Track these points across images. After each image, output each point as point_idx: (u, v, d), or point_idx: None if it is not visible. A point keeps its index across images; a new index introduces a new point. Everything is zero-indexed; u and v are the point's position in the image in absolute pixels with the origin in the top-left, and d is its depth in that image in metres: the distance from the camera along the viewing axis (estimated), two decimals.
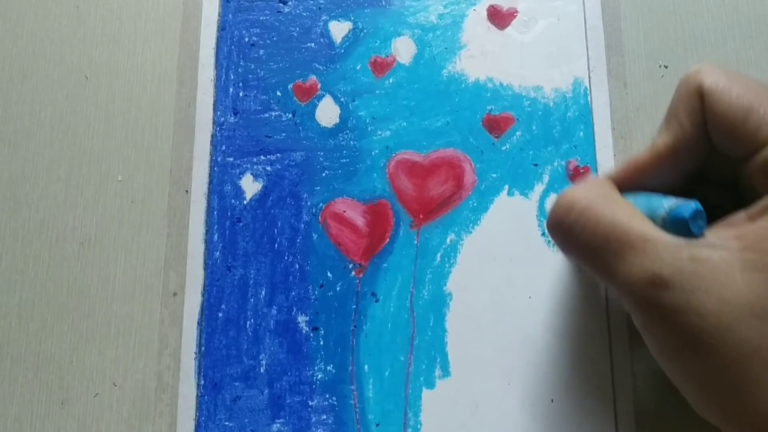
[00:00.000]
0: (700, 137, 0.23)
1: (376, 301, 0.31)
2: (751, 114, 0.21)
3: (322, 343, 0.31)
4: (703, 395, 0.20)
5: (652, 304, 0.19)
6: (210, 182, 0.32)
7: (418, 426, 0.29)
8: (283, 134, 0.33)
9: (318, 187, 0.32)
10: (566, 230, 0.22)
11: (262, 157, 0.33)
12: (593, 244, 0.21)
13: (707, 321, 0.18)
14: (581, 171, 0.32)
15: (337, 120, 0.33)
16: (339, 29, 0.34)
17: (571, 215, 0.22)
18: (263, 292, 0.31)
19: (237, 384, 0.30)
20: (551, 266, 0.31)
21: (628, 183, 0.24)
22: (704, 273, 0.19)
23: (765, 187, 0.20)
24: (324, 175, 0.32)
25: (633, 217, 0.21)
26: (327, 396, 0.30)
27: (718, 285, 0.18)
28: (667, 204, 0.21)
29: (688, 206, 0.21)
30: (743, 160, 0.21)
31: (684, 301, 0.19)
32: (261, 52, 0.34)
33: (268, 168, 0.33)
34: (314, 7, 0.35)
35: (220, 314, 0.31)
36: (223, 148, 0.33)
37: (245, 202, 0.32)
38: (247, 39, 0.34)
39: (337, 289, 0.31)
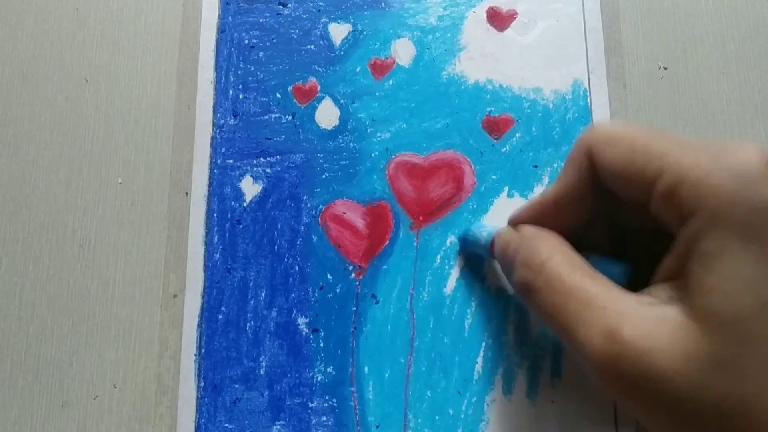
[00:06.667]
0: (584, 191, 0.24)
1: (376, 303, 0.31)
2: (635, 155, 0.21)
3: (322, 344, 0.31)
4: None
5: (612, 368, 0.19)
6: (210, 184, 0.32)
7: (418, 428, 0.29)
8: (283, 136, 0.33)
9: (318, 189, 0.32)
10: (535, 292, 0.23)
11: (261, 159, 0.33)
12: (557, 306, 0.21)
13: (674, 383, 0.18)
14: None
15: (337, 122, 0.33)
16: (338, 31, 0.34)
17: (540, 279, 0.23)
18: (263, 294, 0.31)
19: (237, 386, 0.30)
20: None
21: (533, 222, 0.26)
22: (660, 329, 0.18)
23: (670, 218, 0.20)
24: (324, 177, 0.32)
25: (590, 278, 0.21)
26: (327, 398, 0.30)
27: (677, 341, 0.18)
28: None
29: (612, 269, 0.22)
30: (648, 203, 0.21)
31: (646, 363, 0.18)
32: (261, 54, 0.34)
33: (268, 170, 0.33)
34: (314, 9, 0.35)
35: (220, 316, 0.31)
36: (223, 150, 0.33)
37: (245, 204, 0.32)
38: (246, 41, 0.34)
39: (337, 291, 0.31)
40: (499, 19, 0.35)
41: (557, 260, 0.23)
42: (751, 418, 0.17)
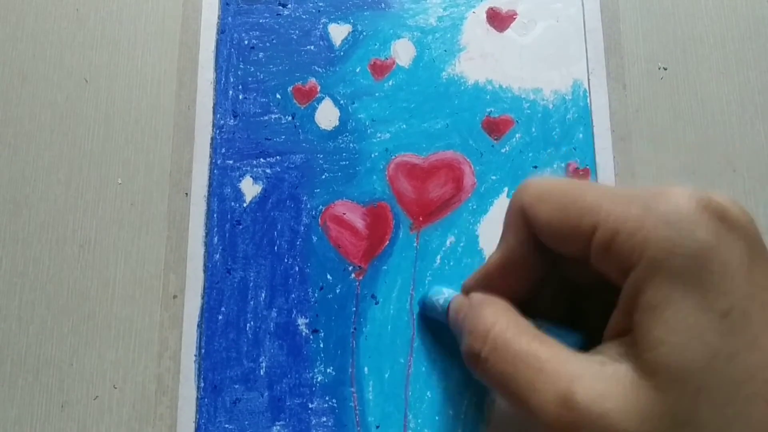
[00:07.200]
0: (527, 253, 0.23)
1: (376, 303, 0.31)
2: (568, 211, 0.21)
3: (321, 345, 0.31)
4: None
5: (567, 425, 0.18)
6: (210, 185, 0.32)
7: (418, 428, 0.29)
8: (283, 137, 0.33)
9: (317, 190, 0.32)
10: (482, 361, 0.22)
11: (261, 159, 0.33)
12: (506, 374, 0.21)
13: None
14: (580, 173, 0.32)
15: (337, 122, 0.33)
16: (338, 32, 0.34)
17: (486, 347, 0.22)
18: (263, 295, 0.31)
19: (237, 386, 0.30)
20: None
21: (482, 290, 0.25)
22: (613, 389, 0.18)
23: (612, 272, 0.20)
24: (323, 177, 0.32)
25: (538, 341, 0.21)
26: (327, 398, 0.30)
27: (631, 401, 0.18)
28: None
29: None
30: (588, 258, 0.21)
31: (602, 427, 0.18)
32: (260, 54, 0.34)
33: (268, 170, 0.33)
34: (314, 10, 0.35)
35: (220, 317, 0.31)
36: (223, 150, 0.33)
37: (245, 205, 0.32)
38: (246, 42, 0.34)
39: (337, 291, 0.31)
40: (498, 20, 0.35)
41: (502, 326, 0.22)
42: None
